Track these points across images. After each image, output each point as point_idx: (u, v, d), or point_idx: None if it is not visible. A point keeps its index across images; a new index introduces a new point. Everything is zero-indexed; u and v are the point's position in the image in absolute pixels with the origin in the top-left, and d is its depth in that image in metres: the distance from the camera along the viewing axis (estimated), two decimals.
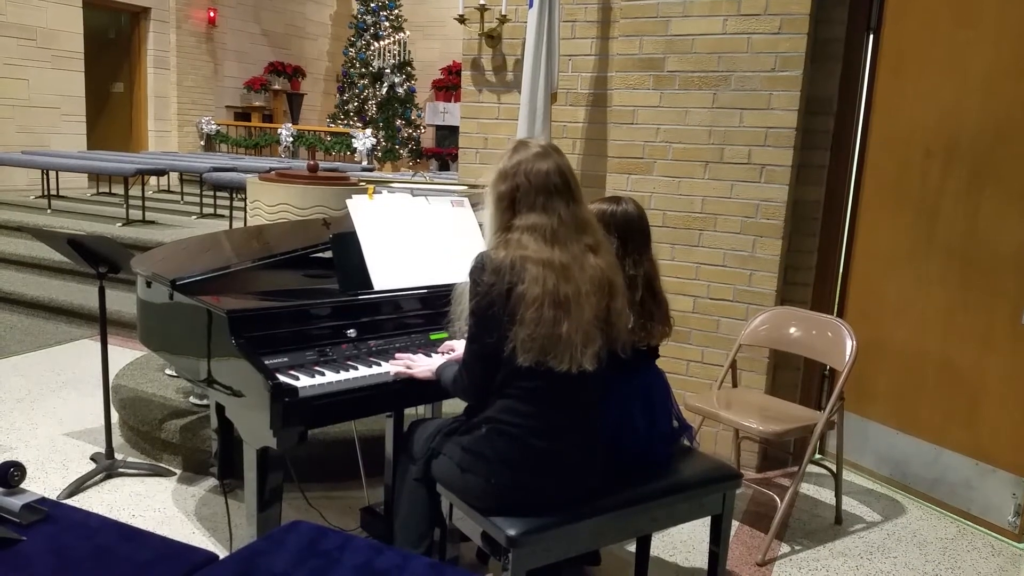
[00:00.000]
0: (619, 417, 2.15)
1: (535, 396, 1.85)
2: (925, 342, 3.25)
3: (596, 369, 1.86)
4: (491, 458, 1.87)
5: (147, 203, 7.14)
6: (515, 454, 1.86)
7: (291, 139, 11.89)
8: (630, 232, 2.20)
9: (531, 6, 3.54)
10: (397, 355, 2.23)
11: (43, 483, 2.98)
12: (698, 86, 3.40)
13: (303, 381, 2.01)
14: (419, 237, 2.49)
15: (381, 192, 2.63)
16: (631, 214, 2.22)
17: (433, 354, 2.28)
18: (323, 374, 2.08)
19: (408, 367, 2.15)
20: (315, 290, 2.51)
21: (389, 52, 12.84)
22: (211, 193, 7.65)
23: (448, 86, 13.75)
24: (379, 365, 2.19)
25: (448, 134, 13.33)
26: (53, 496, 2.75)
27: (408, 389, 2.17)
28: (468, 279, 1.87)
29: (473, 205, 2.68)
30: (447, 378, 2.02)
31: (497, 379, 1.87)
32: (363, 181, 4.39)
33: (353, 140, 11.56)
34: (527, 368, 1.80)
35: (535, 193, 1.85)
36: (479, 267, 1.83)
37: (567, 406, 1.89)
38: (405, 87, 13.08)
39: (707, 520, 2.29)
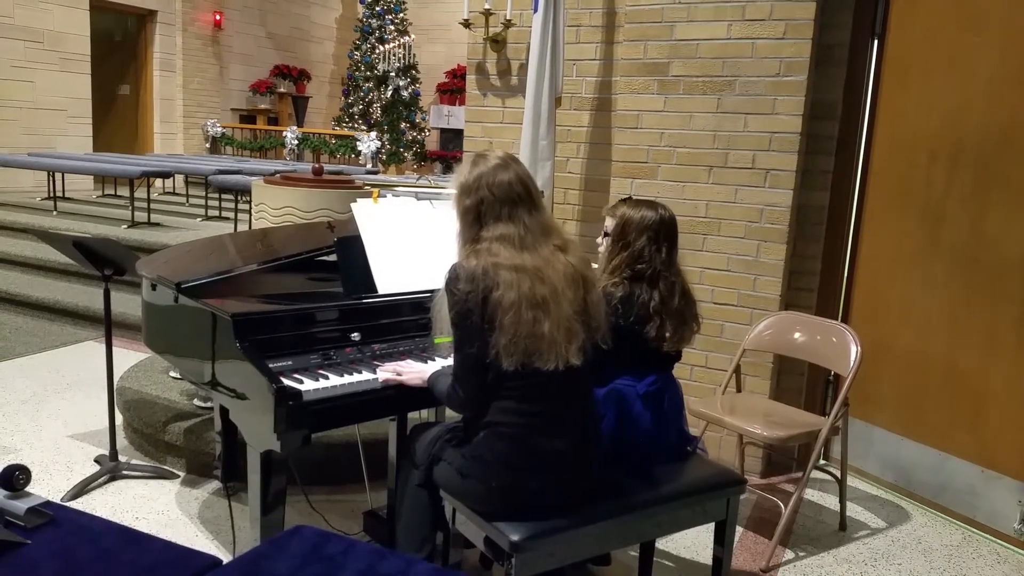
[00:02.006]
0: (625, 413, 2.15)
1: (528, 394, 1.86)
2: (930, 347, 3.24)
3: (583, 362, 1.88)
4: (490, 461, 1.88)
5: (152, 205, 7.16)
6: (514, 455, 1.86)
7: (296, 142, 11.92)
8: (675, 238, 2.24)
9: (536, 10, 3.54)
10: (386, 364, 2.20)
11: (47, 485, 2.98)
12: (702, 91, 3.40)
13: (307, 385, 2.02)
14: (423, 241, 2.49)
15: (385, 195, 2.63)
16: (674, 219, 2.25)
17: (428, 360, 2.28)
18: (327, 378, 2.08)
19: (398, 373, 2.14)
20: (319, 293, 2.52)
21: (394, 55, 12.86)
22: (216, 196, 7.66)
23: (453, 90, 13.76)
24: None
25: (452, 137, 13.35)
26: (57, 498, 2.76)
27: (411, 393, 2.16)
28: (444, 291, 1.88)
29: None
30: (440, 389, 2.02)
31: (488, 383, 1.87)
32: (367, 184, 4.40)
33: (358, 143, 11.58)
34: (514, 370, 1.81)
35: (499, 204, 1.88)
36: (453, 277, 1.85)
37: (560, 401, 1.90)
38: (410, 90, 13.10)
39: (711, 526, 2.29)
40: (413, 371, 2.13)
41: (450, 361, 2.22)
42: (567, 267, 1.88)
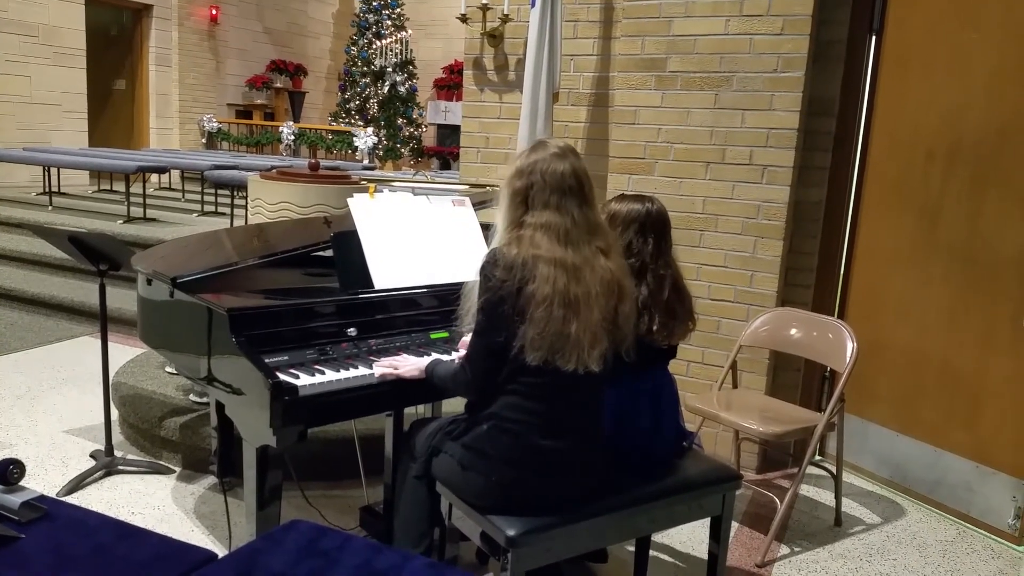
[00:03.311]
0: (624, 412, 2.15)
1: (539, 393, 1.85)
2: (926, 344, 3.25)
3: (601, 371, 1.86)
4: (492, 455, 1.88)
5: (148, 201, 7.13)
6: (516, 452, 1.86)
7: (292, 137, 11.89)
8: (664, 231, 2.21)
9: (533, 5, 3.54)
10: (382, 359, 2.18)
11: (42, 480, 2.98)
12: (700, 87, 3.39)
13: (303, 380, 2.01)
14: (420, 236, 2.48)
15: (382, 191, 2.62)
16: (663, 211, 2.22)
17: (424, 355, 2.28)
18: (323, 373, 2.07)
19: (394, 367, 2.12)
20: (316, 289, 2.51)
21: (391, 51, 12.83)
22: (212, 191, 7.64)
23: (450, 85, 13.74)
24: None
25: (450, 133, 13.33)
26: (52, 493, 2.75)
27: (408, 389, 2.16)
28: (478, 274, 1.86)
29: (474, 204, 2.68)
30: (442, 373, 2.01)
31: (501, 375, 1.87)
32: (364, 180, 4.39)
33: (355, 139, 11.56)
34: (534, 366, 1.80)
35: (549, 192, 1.86)
36: (491, 262, 1.83)
37: (571, 405, 1.90)
38: (407, 86, 13.08)
39: (707, 521, 2.29)
40: (410, 364, 2.12)
41: (447, 356, 2.22)
42: (605, 272, 1.87)
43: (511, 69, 4.03)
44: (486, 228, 2.34)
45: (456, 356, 2.15)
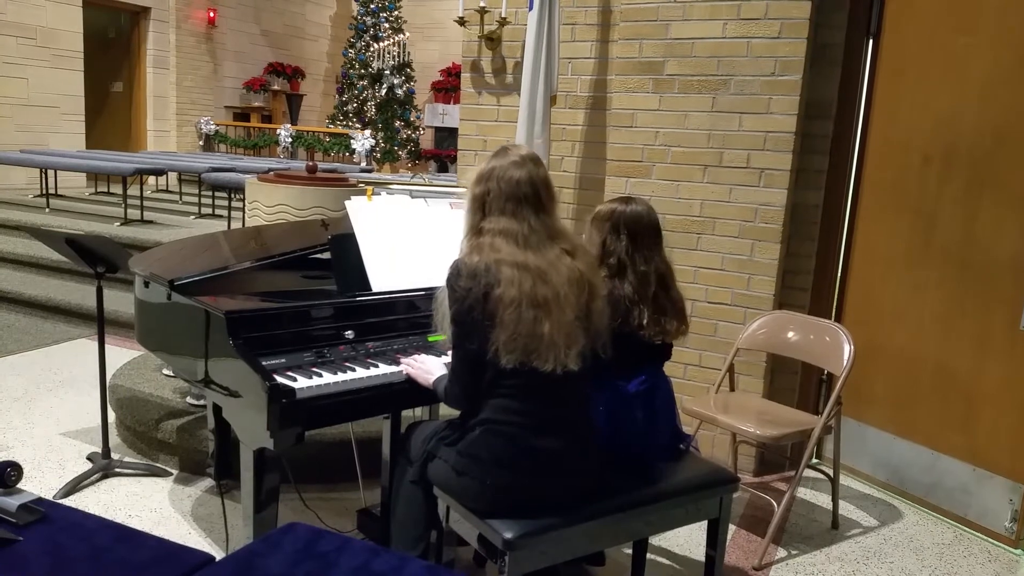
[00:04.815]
0: (617, 410, 2.16)
1: (525, 393, 1.86)
2: (923, 347, 3.26)
3: (581, 368, 1.88)
4: (486, 459, 1.88)
5: (145, 203, 7.13)
6: (510, 454, 1.87)
7: (290, 140, 11.89)
8: (638, 228, 2.23)
9: (531, 8, 3.54)
10: (403, 358, 2.22)
11: (39, 483, 2.97)
12: (697, 90, 3.40)
13: (300, 382, 2.01)
14: (417, 239, 2.49)
15: (380, 193, 2.63)
16: (640, 212, 2.25)
17: (442, 354, 2.28)
18: (320, 375, 2.07)
19: (411, 365, 2.16)
20: (313, 291, 2.51)
21: (388, 53, 12.84)
22: (210, 193, 7.64)
23: (447, 88, 13.76)
24: (376, 367, 2.19)
25: (447, 136, 13.35)
26: (49, 496, 2.75)
27: (406, 391, 2.16)
28: (445, 286, 1.89)
29: None
30: (440, 391, 2.04)
31: (485, 380, 1.88)
32: (362, 182, 4.39)
33: (352, 141, 11.56)
34: (512, 368, 1.81)
35: (504, 199, 1.89)
36: (455, 274, 1.86)
37: (559, 402, 1.91)
38: (404, 88, 13.09)
39: (704, 524, 2.29)
40: (423, 369, 2.13)
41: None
42: (572, 271, 1.88)
43: (509, 72, 4.04)
44: None
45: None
